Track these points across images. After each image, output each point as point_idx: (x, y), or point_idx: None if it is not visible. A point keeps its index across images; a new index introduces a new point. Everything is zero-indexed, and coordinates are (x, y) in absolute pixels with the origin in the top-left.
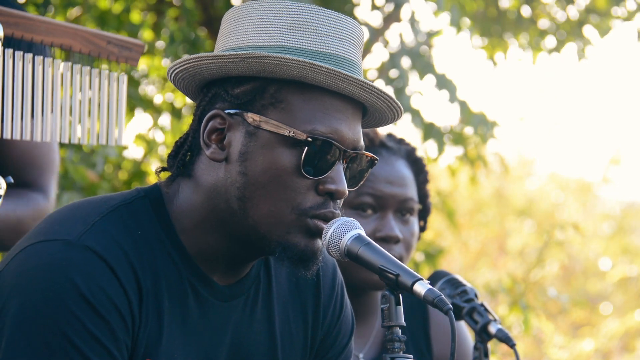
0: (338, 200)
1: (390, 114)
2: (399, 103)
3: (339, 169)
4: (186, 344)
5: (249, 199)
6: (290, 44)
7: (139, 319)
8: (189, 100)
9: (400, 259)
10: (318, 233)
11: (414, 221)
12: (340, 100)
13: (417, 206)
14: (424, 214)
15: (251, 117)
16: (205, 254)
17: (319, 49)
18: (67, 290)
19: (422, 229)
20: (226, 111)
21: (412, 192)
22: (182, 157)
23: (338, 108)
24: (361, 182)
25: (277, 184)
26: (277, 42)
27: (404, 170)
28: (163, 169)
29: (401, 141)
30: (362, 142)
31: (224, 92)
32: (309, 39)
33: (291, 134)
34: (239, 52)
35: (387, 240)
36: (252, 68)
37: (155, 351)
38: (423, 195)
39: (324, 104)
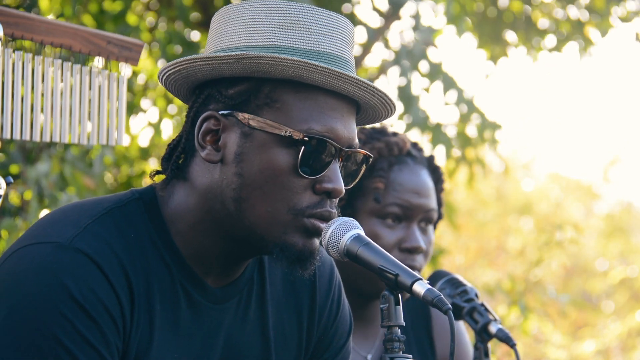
0: (334, 199)
1: (384, 110)
2: (392, 100)
3: (335, 168)
4: (178, 347)
5: (245, 200)
6: (283, 44)
7: (130, 321)
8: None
9: (420, 269)
10: (315, 232)
11: (432, 229)
12: (334, 99)
13: (437, 215)
14: (437, 220)
15: (246, 117)
16: (200, 256)
17: (312, 48)
18: (58, 292)
19: None
20: (220, 112)
21: (434, 202)
22: (176, 160)
23: (333, 106)
24: (356, 180)
25: (274, 185)
26: (270, 42)
27: (428, 181)
28: (157, 172)
29: (418, 147)
30: (356, 140)
31: (217, 93)
32: (302, 37)
33: (287, 133)
34: (233, 53)
35: (412, 252)
36: (246, 68)
37: (146, 354)
38: (439, 203)
39: (318, 103)
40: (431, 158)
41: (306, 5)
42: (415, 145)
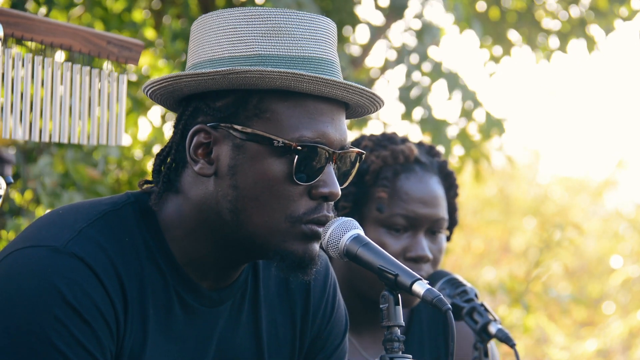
0: (331, 203)
1: (373, 107)
2: (381, 97)
3: (330, 171)
4: (171, 352)
5: (242, 211)
6: (267, 52)
7: (123, 326)
8: None
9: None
10: (314, 237)
11: (443, 237)
12: (323, 103)
13: (446, 223)
14: (450, 226)
15: (237, 129)
16: (195, 262)
17: (297, 54)
18: (53, 296)
19: (447, 238)
20: (209, 125)
21: (443, 211)
22: (167, 172)
23: (322, 111)
24: (350, 178)
25: (270, 194)
26: (254, 51)
27: (437, 189)
28: (146, 182)
29: (432, 152)
30: (348, 139)
31: (204, 105)
32: (285, 44)
33: (280, 143)
34: (219, 69)
35: (417, 261)
36: (233, 82)
37: (139, 359)
38: (452, 210)
39: (308, 109)
40: (443, 164)
41: (287, 10)
42: (430, 150)
